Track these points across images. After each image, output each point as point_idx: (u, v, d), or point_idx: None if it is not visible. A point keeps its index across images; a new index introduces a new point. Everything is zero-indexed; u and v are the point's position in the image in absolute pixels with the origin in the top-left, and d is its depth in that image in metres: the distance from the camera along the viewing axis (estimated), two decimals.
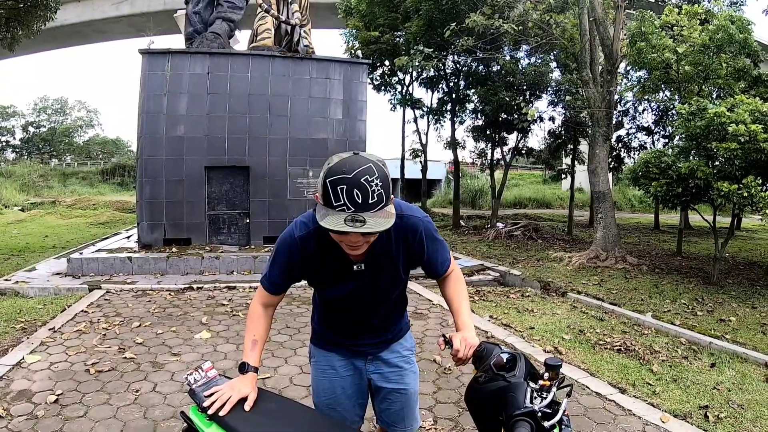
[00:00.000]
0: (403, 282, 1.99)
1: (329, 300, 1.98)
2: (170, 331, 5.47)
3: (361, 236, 1.59)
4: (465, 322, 1.87)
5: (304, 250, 1.81)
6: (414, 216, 1.87)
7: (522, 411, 1.41)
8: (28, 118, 46.96)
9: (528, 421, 1.39)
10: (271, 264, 1.91)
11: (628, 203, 28.13)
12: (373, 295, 1.93)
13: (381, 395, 2.10)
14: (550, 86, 15.15)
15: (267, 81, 9.71)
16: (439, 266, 1.98)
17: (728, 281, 8.49)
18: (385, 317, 2.06)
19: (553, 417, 1.43)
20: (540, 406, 1.43)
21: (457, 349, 1.72)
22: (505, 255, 11.24)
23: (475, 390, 1.63)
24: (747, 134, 6.89)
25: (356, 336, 2.04)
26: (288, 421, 1.80)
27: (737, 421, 3.65)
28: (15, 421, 3.44)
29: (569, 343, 5.33)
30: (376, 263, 1.83)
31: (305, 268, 1.86)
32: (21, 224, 16.84)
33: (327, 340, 2.09)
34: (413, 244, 1.86)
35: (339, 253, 1.76)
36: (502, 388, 1.51)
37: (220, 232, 9.71)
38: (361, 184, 1.49)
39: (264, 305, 1.98)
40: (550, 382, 1.49)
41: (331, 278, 1.87)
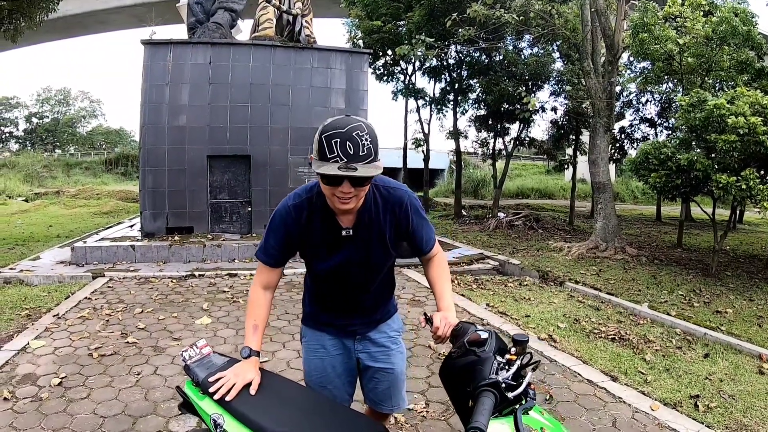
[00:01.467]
0: (391, 257, 2.06)
1: (321, 274, 2.04)
2: (171, 316, 5.58)
3: (352, 187, 1.71)
4: (447, 304, 1.96)
5: (297, 218, 1.92)
6: (400, 189, 1.99)
7: (486, 382, 1.49)
8: (31, 109, 47.07)
9: (492, 392, 1.47)
10: (267, 236, 1.99)
11: (631, 195, 28.06)
12: (362, 268, 2.01)
13: (368, 374, 2.18)
14: (551, 76, 15.11)
15: (268, 71, 9.75)
16: (424, 243, 2.06)
17: (727, 274, 8.50)
18: (374, 297, 2.14)
19: (517, 389, 1.50)
20: (504, 377, 1.51)
21: (436, 326, 1.81)
22: (506, 244, 11.31)
23: (448, 365, 1.72)
24: (746, 126, 6.89)
25: (346, 315, 2.12)
26: (281, 396, 1.89)
27: (727, 411, 3.70)
28: (20, 403, 3.55)
29: (564, 331, 5.40)
30: (364, 230, 1.93)
31: (299, 235, 1.94)
32: (25, 214, 16.98)
33: (318, 320, 2.17)
34: (399, 216, 1.96)
35: (329, 219, 1.90)
36: (472, 362, 1.59)
37: (222, 220, 9.80)
38: (352, 137, 1.64)
39: (263, 287, 2.05)
40: (516, 357, 1.57)
41: (321, 246, 1.95)
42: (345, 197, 1.75)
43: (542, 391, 3.94)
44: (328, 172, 1.65)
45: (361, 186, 1.75)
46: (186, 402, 1.97)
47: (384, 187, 1.95)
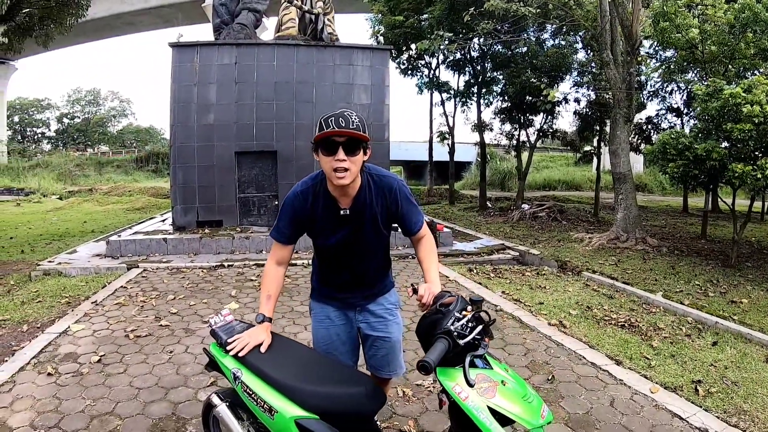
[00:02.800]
0: (383, 237, 2.41)
1: (326, 252, 2.41)
2: (202, 303, 5.96)
3: (346, 156, 2.08)
4: (432, 277, 2.26)
5: (304, 201, 2.30)
6: (390, 177, 2.36)
7: (442, 330, 1.81)
8: (62, 110, 48.38)
9: (445, 338, 1.78)
10: (279, 218, 2.37)
11: (659, 186, 27.60)
12: (361, 245, 2.36)
13: (369, 342, 2.51)
14: (573, 67, 15.07)
15: (292, 69, 10.07)
16: (412, 225, 2.39)
17: (747, 265, 8.45)
18: (372, 274, 2.47)
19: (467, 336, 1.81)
20: (456, 327, 1.81)
21: (421, 295, 2.10)
22: (527, 236, 11.43)
23: (421, 322, 2.02)
24: (762, 115, 6.86)
25: (348, 289, 2.45)
26: (290, 355, 2.26)
27: (728, 396, 3.77)
28: (63, 377, 3.94)
29: (574, 318, 5.56)
30: (359, 211, 2.29)
31: (305, 216, 2.32)
32: (60, 212, 17.68)
33: (324, 294, 2.52)
34: (389, 200, 2.31)
35: (330, 202, 2.28)
36: (436, 319, 1.90)
37: (250, 213, 10.19)
38: (343, 115, 2.08)
39: (277, 263, 2.43)
40: (470, 313, 1.88)
41: (324, 224, 2.32)
42: (341, 167, 2.09)
43: (545, 372, 4.15)
44: (326, 130, 2.05)
45: (353, 154, 2.10)
46: (211, 362, 2.37)
47: (376, 175, 2.32)
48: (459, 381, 1.78)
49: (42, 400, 3.55)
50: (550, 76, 14.61)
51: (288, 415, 1.97)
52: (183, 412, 3.44)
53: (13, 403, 3.50)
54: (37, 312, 5.54)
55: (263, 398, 2.03)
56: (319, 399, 2.00)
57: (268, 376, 2.08)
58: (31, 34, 11.39)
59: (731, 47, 9.85)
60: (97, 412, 3.40)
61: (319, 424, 1.97)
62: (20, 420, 3.27)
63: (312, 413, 1.98)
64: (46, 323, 5.19)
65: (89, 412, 3.39)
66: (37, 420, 3.28)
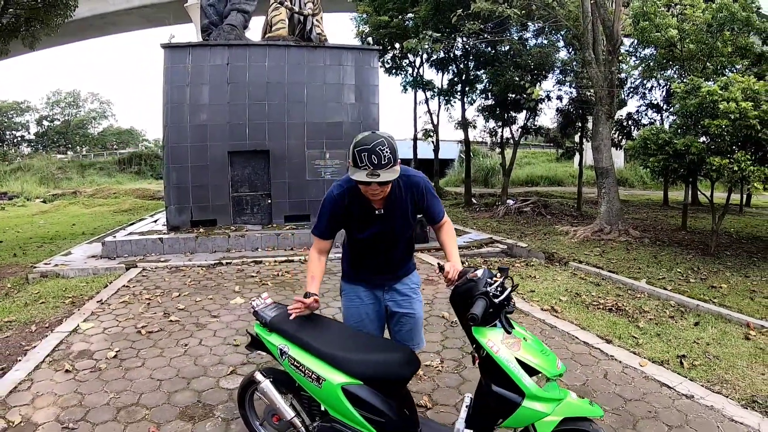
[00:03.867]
0: (410, 227, 2.72)
1: (360, 242, 2.68)
2: (207, 298, 6.13)
3: (378, 186, 2.34)
4: (454, 257, 2.57)
5: (341, 203, 2.56)
6: (417, 176, 2.65)
7: (480, 291, 2.12)
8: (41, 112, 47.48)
9: (483, 298, 2.09)
10: (319, 217, 2.64)
11: (640, 180, 28.21)
12: (391, 235, 2.65)
13: (395, 319, 2.81)
14: (555, 66, 15.44)
15: (283, 70, 10.24)
16: (435, 214, 2.70)
17: (727, 253, 8.85)
18: (399, 257, 2.78)
19: (501, 296, 2.13)
20: (491, 288, 2.13)
21: (447, 271, 2.40)
22: (514, 230, 11.76)
23: (455, 291, 2.31)
24: (737, 111, 7.21)
25: (377, 271, 2.75)
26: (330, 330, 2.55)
27: (711, 368, 4.12)
28: (81, 373, 4.05)
29: (565, 303, 5.88)
30: (391, 209, 2.57)
31: (342, 215, 2.59)
32: (46, 215, 17.54)
33: (354, 276, 2.82)
34: (417, 196, 2.61)
35: (365, 203, 2.54)
36: (470, 286, 2.20)
37: (243, 212, 10.35)
38: (376, 151, 2.25)
39: (319, 252, 2.70)
40: (500, 278, 2.21)
41: (360, 222, 2.60)
42: (374, 192, 2.41)
43: None
44: (359, 179, 2.29)
45: (385, 184, 2.39)
46: (253, 342, 2.65)
47: (405, 175, 2.58)
48: (491, 337, 2.12)
49: (64, 396, 3.63)
50: (533, 75, 14.95)
51: (335, 382, 2.25)
52: (208, 399, 3.62)
53: (34, 400, 3.57)
54: (43, 313, 5.61)
55: (311, 369, 2.30)
56: (362, 366, 2.28)
57: (314, 348, 2.35)
58: (17, 35, 11.34)
59: (709, 45, 10.24)
60: (122, 404, 3.54)
61: (364, 389, 2.24)
62: (45, 416, 3.34)
63: (356, 379, 2.24)
64: (53, 323, 5.26)
65: (114, 405, 3.52)
66: (62, 415, 3.36)
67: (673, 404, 3.56)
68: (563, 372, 2.21)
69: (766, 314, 5.53)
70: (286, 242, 9.42)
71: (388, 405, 2.30)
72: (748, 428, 3.24)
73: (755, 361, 4.26)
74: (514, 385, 2.07)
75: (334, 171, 10.57)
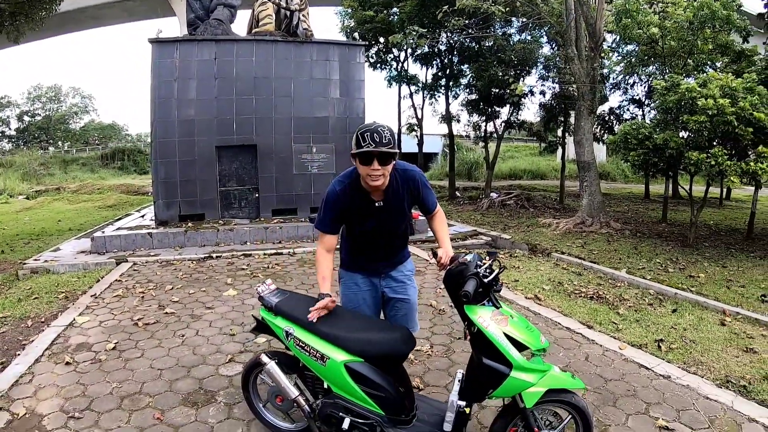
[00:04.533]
0: (406, 218, 2.90)
1: (360, 234, 2.85)
2: (200, 291, 6.24)
3: (380, 165, 2.51)
4: (446, 244, 2.79)
5: (343, 197, 2.71)
6: (413, 170, 2.84)
7: (471, 272, 2.33)
8: (22, 108, 46.70)
9: (474, 278, 2.30)
10: (323, 212, 2.77)
11: (622, 174, 28.62)
12: (389, 227, 2.83)
13: (390, 304, 2.99)
14: (539, 62, 15.67)
15: (270, 65, 10.32)
16: (430, 205, 2.92)
17: (705, 245, 9.15)
18: (394, 246, 2.96)
19: (490, 276, 2.35)
20: (481, 270, 2.34)
21: (440, 257, 2.63)
22: (498, 222, 12.00)
23: (448, 273, 2.52)
24: (715, 108, 7.44)
25: (374, 260, 2.93)
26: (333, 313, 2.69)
27: (687, 351, 4.37)
28: (82, 365, 4.13)
29: (548, 292, 6.11)
30: (390, 201, 2.75)
31: (344, 209, 2.73)
32: (30, 211, 17.33)
33: (352, 264, 2.99)
34: (413, 189, 2.81)
35: (365, 196, 2.71)
36: (462, 269, 2.41)
37: (231, 206, 10.43)
38: (378, 131, 2.48)
39: (325, 249, 2.79)
40: (489, 261, 2.43)
41: (361, 216, 2.76)
42: (375, 174, 2.53)
43: None
44: (365, 150, 2.46)
45: (385, 165, 2.53)
46: (258, 325, 2.83)
47: (402, 170, 2.78)
48: (481, 314, 2.34)
49: (66, 387, 3.71)
50: (516, 70, 15.17)
51: (338, 360, 2.45)
52: (209, 385, 3.76)
53: (37, 392, 3.63)
54: (37, 308, 5.63)
55: (315, 348, 2.48)
56: (363, 344, 2.47)
57: (318, 329, 2.54)
58: (1, 29, 11.23)
59: (690, 43, 10.51)
60: (125, 392, 3.64)
61: (365, 366, 2.44)
62: (49, 407, 3.42)
63: (358, 357, 2.43)
64: (49, 318, 5.29)
65: (118, 394, 3.62)
66: (66, 405, 3.44)
67: (651, 383, 3.79)
68: (547, 347, 2.42)
69: (741, 302, 5.78)
70: (274, 236, 9.54)
71: (387, 381, 2.49)
72: (722, 405, 3.46)
73: (730, 345, 4.50)
74: (502, 357, 2.28)
75: (321, 165, 10.69)
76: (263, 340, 4.51)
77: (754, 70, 8.99)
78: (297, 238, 9.61)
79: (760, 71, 8.86)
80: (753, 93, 7.68)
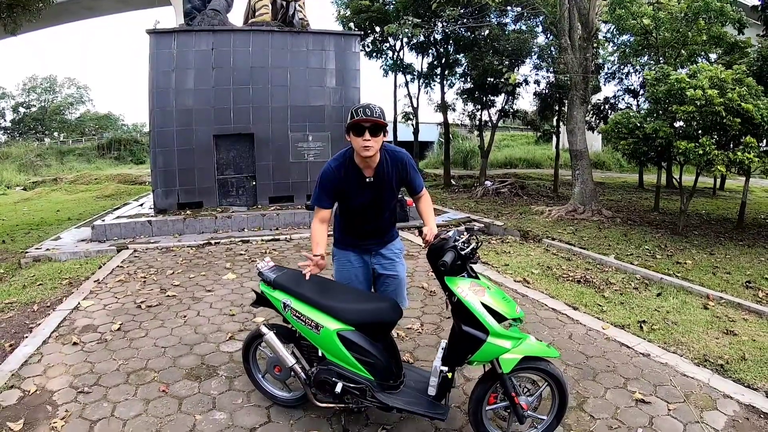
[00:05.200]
0: (395, 197, 3.10)
1: (352, 210, 3.08)
2: (200, 275, 6.43)
3: (371, 136, 2.78)
4: (431, 222, 3.00)
5: (338, 173, 2.96)
6: (401, 152, 3.09)
7: (450, 245, 2.53)
8: (17, 99, 46.53)
9: (453, 250, 2.52)
10: (318, 189, 3.00)
11: (617, 163, 28.76)
12: (379, 202, 3.06)
13: (381, 280, 3.22)
14: (533, 51, 15.79)
15: (267, 54, 10.44)
16: (416, 186, 3.17)
17: (694, 233, 9.34)
18: (384, 225, 3.19)
19: (467, 248, 2.56)
20: (459, 243, 2.55)
21: (425, 234, 2.83)
22: (491, 209, 12.20)
23: (431, 249, 2.71)
24: (703, 98, 7.58)
25: (365, 238, 3.15)
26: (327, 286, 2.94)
27: (668, 332, 4.55)
28: (88, 345, 4.30)
29: (537, 276, 6.32)
30: (380, 178, 3.00)
31: (338, 184, 2.97)
32: (28, 202, 17.39)
33: (345, 242, 3.22)
34: (401, 169, 3.05)
35: (357, 172, 2.96)
36: (442, 243, 2.61)
37: (228, 194, 10.60)
38: (369, 106, 2.80)
39: (320, 221, 3.04)
40: (466, 236, 2.65)
41: (354, 190, 2.99)
42: (367, 144, 2.78)
43: None
44: (359, 117, 2.74)
45: (376, 136, 2.80)
46: (258, 299, 3.07)
47: (391, 151, 3.05)
48: (460, 285, 2.56)
49: (74, 365, 3.87)
50: (511, 60, 15.29)
51: (331, 328, 2.68)
52: (211, 361, 3.96)
53: (46, 371, 3.78)
54: (42, 293, 5.77)
55: (310, 318, 2.70)
56: (354, 314, 2.70)
57: (313, 300, 2.77)
58: None
59: (683, 34, 10.64)
60: (131, 369, 3.83)
61: (355, 334, 2.68)
62: (59, 383, 3.58)
63: (349, 326, 2.66)
64: (54, 302, 5.44)
65: (124, 370, 3.81)
66: (75, 381, 3.61)
67: (631, 361, 3.98)
68: (522, 317, 2.63)
69: (726, 287, 5.96)
70: (272, 222, 9.72)
71: (377, 348, 2.73)
72: (699, 382, 3.65)
73: (711, 328, 4.68)
74: (479, 324, 2.49)
75: (317, 153, 10.84)
76: (261, 319, 4.70)
77: (744, 62, 9.14)
78: (294, 225, 9.79)
79: (751, 63, 9.02)
80: (742, 84, 7.83)
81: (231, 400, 3.39)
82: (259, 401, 3.35)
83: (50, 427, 3.06)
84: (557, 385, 2.69)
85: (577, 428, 3.07)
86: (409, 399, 2.75)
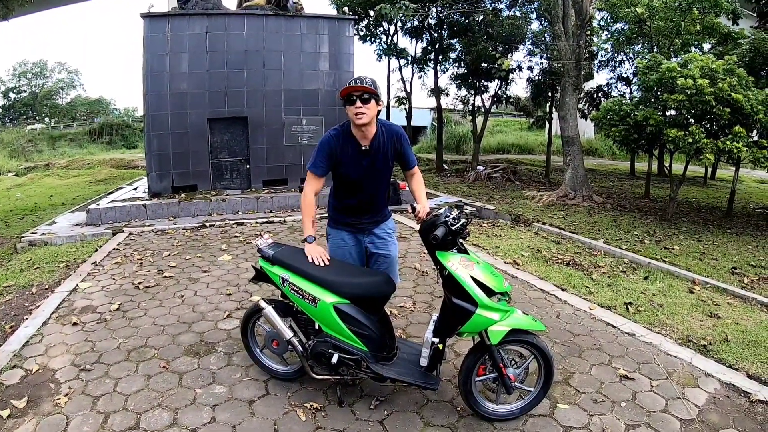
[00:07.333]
0: (389, 168, 3.28)
1: (347, 183, 3.19)
2: (196, 257, 6.52)
3: (362, 104, 2.91)
4: (423, 200, 3.11)
5: (336, 141, 3.11)
6: (396, 126, 3.26)
7: (441, 220, 2.64)
8: (7, 85, 45.99)
9: (444, 226, 2.62)
10: (316, 156, 3.14)
11: (609, 151, 28.85)
12: (373, 172, 3.17)
13: (373, 259, 3.35)
14: (527, 38, 15.81)
15: (261, 38, 10.44)
16: (409, 161, 3.33)
17: (684, 220, 9.47)
18: (377, 204, 3.31)
19: (457, 224, 2.67)
20: (449, 219, 2.65)
21: (418, 211, 2.92)
22: (483, 194, 12.32)
23: (423, 225, 2.82)
24: (694, 88, 7.64)
25: (358, 216, 3.27)
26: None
27: (654, 314, 4.68)
28: (88, 325, 4.38)
29: (526, 258, 6.46)
30: (375, 147, 3.14)
31: (335, 152, 3.10)
32: (21, 188, 17.28)
33: (339, 221, 3.34)
34: (396, 142, 3.20)
35: (354, 141, 3.09)
36: (434, 220, 2.72)
37: (223, 177, 10.67)
38: (360, 78, 2.96)
39: (314, 192, 3.17)
40: (457, 212, 2.75)
41: (350, 158, 3.12)
42: (359, 112, 2.91)
43: None
44: (352, 84, 2.90)
45: (367, 103, 2.92)
46: (257, 274, 3.20)
47: (386, 125, 3.21)
48: (451, 259, 2.68)
49: (75, 344, 3.95)
50: (505, 45, 15.30)
51: (328, 301, 2.81)
52: (209, 338, 4.08)
53: (47, 350, 3.85)
54: (40, 277, 5.81)
55: (308, 291, 2.82)
56: (350, 287, 2.84)
57: (310, 275, 2.89)
58: None
59: (677, 23, 10.71)
60: (131, 346, 3.93)
61: (351, 307, 2.81)
62: (61, 362, 3.66)
63: (345, 299, 2.79)
64: (52, 285, 5.49)
65: (124, 348, 3.91)
66: (77, 360, 3.69)
67: (616, 339, 4.13)
68: (509, 290, 2.76)
69: (712, 273, 6.08)
70: (266, 205, 9.81)
71: (371, 321, 2.86)
72: (681, 361, 3.79)
73: (695, 310, 4.82)
74: (469, 297, 2.62)
75: (311, 137, 10.90)
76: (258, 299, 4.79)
77: (736, 52, 9.22)
78: (287, 208, 9.88)
79: (743, 54, 9.10)
80: (733, 75, 7.91)
81: (230, 374, 3.51)
82: (258, 375, 3.47)
83: (54, 403, 3.15)
84: (543, 358, 2.82)
85: (563, 401, 3.21)
86: (401, 370, 2.88)
